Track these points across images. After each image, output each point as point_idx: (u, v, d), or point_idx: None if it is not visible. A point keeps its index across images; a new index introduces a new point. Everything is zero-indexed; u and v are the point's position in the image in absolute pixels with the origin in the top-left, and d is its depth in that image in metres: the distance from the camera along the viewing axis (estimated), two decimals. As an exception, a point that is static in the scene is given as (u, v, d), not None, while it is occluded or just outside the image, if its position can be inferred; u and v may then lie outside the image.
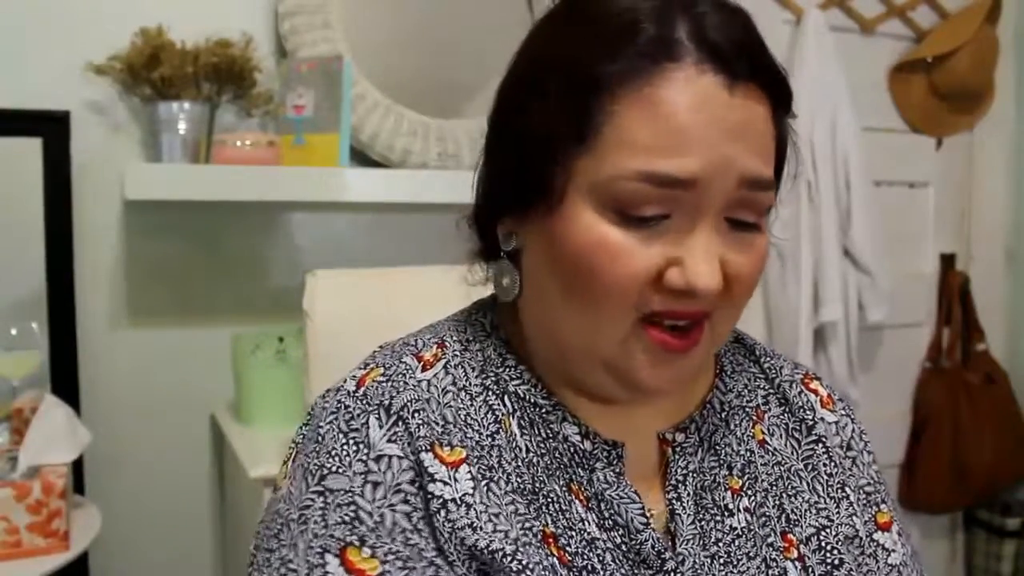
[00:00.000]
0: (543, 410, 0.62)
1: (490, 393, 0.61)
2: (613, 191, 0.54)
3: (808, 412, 0.71)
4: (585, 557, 0.58)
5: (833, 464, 0.69)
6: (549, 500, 0.59)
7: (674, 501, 0.62)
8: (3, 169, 1.44)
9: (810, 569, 0.63)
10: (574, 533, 0.58)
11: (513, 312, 0.65)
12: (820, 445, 0.70)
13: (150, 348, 1.55)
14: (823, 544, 0.65)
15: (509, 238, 0.62)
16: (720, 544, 0.62)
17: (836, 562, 0.65)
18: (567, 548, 0.58)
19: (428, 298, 0.80)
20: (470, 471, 0.57)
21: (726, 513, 0.63)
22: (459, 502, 0.55)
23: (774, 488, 0.66)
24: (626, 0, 0.55)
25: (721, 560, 0.61)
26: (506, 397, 0.62)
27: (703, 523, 0.62)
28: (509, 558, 0.54)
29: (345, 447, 0.57)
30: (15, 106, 1.41)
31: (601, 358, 0.58)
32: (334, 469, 0.56)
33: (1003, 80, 2.28)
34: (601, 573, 0.58)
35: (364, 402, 0.59)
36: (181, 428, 1.58)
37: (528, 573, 0.54)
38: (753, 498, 0.65)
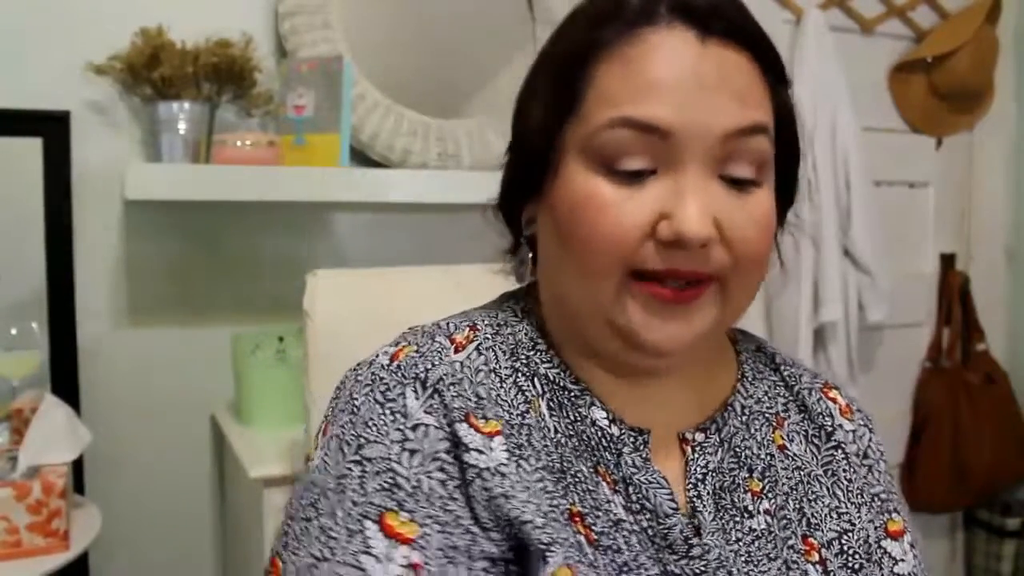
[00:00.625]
0: (572, 394, 0.63)
1: (520, 375, 0.62)
2: (597, 144, 0.57)
3: (827, 419, 0.71)
4: (611, 537, 0.58)
5: (852, 470, 0.70)
6: (576, 480, 0.59)
7: (695, 498, 0.62)
8: (3, 169, 1.44)
9: (831, 573, 0.64)
10: (600, 513, 0.59)
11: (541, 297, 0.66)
12: (840, 451, 0.70)
13: (150, 348, 1.55)
14: (845, 548, 0.65)
15: (529, 225, 0.65)
16: (741, 543, 0.62)
17: (857, 566, 0.65)
18: (593, 527, 0.58)
19: (428, 298, 0.80)
20: (505, 443, 0.57)
21: (746, 515, 0.64)
22: (494, 471, 0.56)
23: (794, 492, 0.66)
24: None
25: (743, 559, 0.62)
26: (535, 379, 0.62)
27: (723, 521, 0.63)
28: (539, 531, 0.54)
29: (382, 417, 0.57)
30: (15, 106, 1.41)
31: (604, 318, 0.59)
32: (371, 439, 0.57)
33: (1003, 80, 2.28)
34: (627, 554, 0.58)
35: (399, 375, 0.59)
36: (181, 428, 1.58)
37: (555, 548, 0.54)
38: (774, 501, 0.65)
